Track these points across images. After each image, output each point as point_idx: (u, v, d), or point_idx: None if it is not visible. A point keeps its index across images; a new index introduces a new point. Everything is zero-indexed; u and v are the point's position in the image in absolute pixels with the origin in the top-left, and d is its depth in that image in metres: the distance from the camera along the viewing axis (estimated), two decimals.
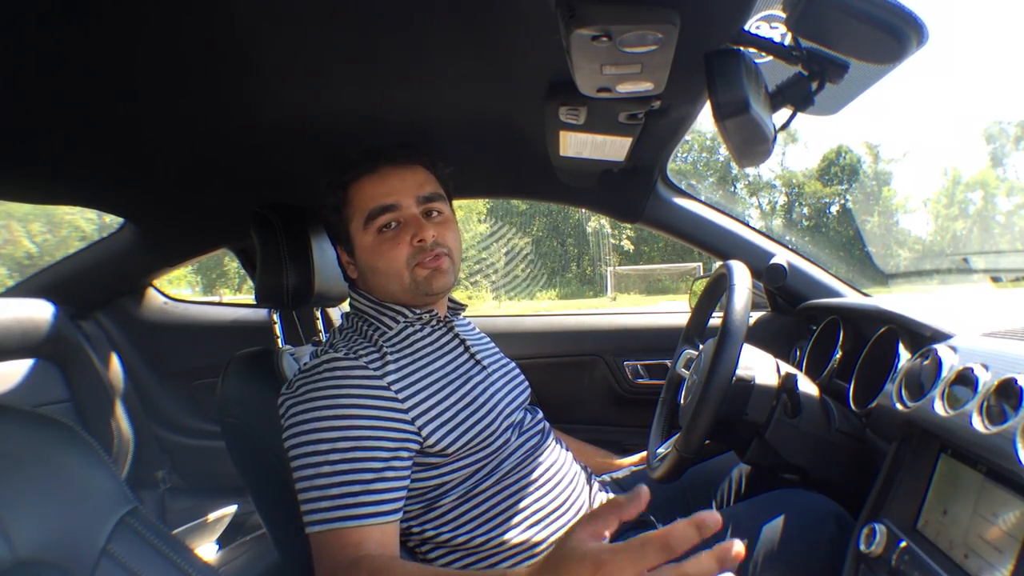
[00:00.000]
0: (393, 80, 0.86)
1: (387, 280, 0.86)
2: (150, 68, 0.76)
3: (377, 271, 0.86)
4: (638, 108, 0.86)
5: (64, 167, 1.09)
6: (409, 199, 0.86)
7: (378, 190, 0.86)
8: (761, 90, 0.70)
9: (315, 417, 0.74)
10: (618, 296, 18.44)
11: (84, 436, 0.55)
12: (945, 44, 52.58)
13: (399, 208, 0.85)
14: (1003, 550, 0.59)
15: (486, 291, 18.88)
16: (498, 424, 0.83)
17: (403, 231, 0.85)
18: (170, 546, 0.54)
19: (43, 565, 0.47)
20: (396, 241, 0.84)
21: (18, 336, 1.31)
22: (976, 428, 0.65)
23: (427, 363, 0.83)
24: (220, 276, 16.97)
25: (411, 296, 0.86)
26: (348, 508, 0.70)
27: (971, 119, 42.65)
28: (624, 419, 1.58)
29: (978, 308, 1.15)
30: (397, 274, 0.85)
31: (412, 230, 0.84)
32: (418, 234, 0.84)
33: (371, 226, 0.85)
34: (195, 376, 1.68)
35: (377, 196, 0.85)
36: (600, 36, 0.60)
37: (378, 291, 0.88)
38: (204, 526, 1.51)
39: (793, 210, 25.78)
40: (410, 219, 0.86)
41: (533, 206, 20.45)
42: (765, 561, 0.81)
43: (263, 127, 1.00)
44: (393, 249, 0.84)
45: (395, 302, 0.87)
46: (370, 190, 0.86)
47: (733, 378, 0.87)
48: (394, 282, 0.85)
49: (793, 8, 0.60)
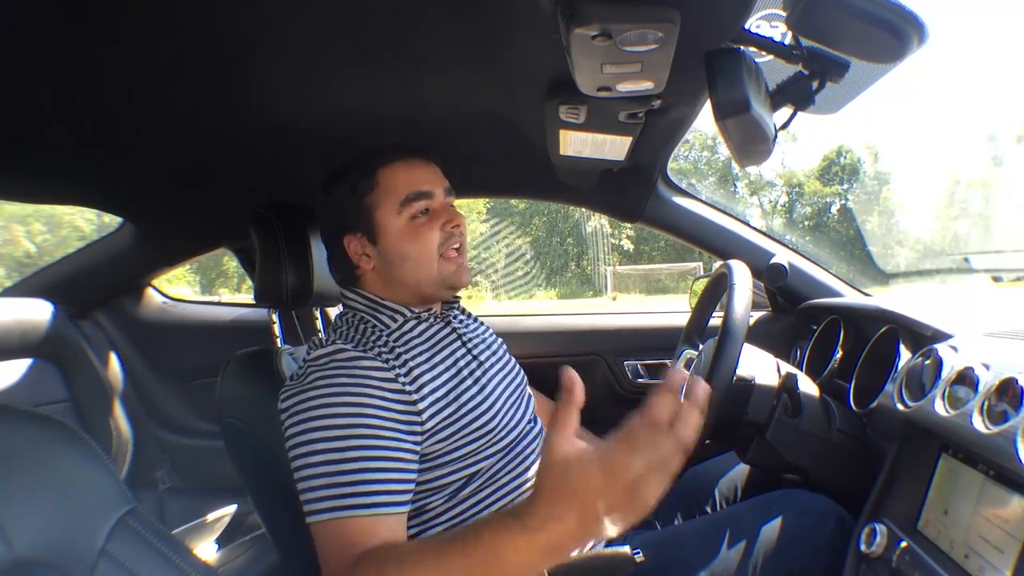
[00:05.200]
0: (393, 79, 0.86)
1: (416, 266, 0.85)
2: (149, 68, 0.76)
3: (407, 257, 0.85)
4: (638, 107, 0.86)
5: (63, 167, 1.09)
6: (440, 189, 0.87)
7: (413, 176, 0.86)
8: (762, 89, 0.70)
9: (326, 404, 0.73)
10: (618, 296, 18.42)
11: (83, 436, 0.55)
12: (945, 44, 52.64)
13: (432, 196, 0.86)
14: (1003, 550, 0.59)
15: (486, 290, 18.87)
16: (495, 422, 0.83)
17: (434, 219, 0.86)
18: (169, 546, 0.54)
19: (42, 565, 0.47)
20: (429, 227, 0.85)
21: (17, 336, 1.31)
22: (977, 428, 0.65)
23: (427, 359, 0.82)
24: (219, 275, 16.97)
25: (434, 288, 0.86)
26: (361, 496, 0.68)
27: (971, 119, 42.69)
28: (624, 419, 1.58)
29: (979, 308, 1.15)
30: (428, 260, 0.85)
31: (444, 217, 0.86)
32: (452, 220, 0.85)
33: (405, 211, 0.85)
34: (194, 376, 1.68)
35: (412, 182, 0.85)
36: (600, 35, 0.59)
37: (399, 281, 0.86)
38: (203, 526, 1.51)
39: (794, 210, 25.79)
40: (441, 207, 0.87)
41: (532, 205, 20.45)
42: (765, 561, 0.81)
43: (263, 126, 1.00)
44: (427, 233, 0.85)
45: (403, 297, 0.87)
46: (404, 175, 0.86)
47: (733, 378, 0.87)
48: (423, 270, 0.85)
49: (793, 7, 0.60)
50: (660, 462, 0.49)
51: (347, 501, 0.68)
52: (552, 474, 0.51)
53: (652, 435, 0.49)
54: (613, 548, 0.76)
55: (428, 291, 0.87)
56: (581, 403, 0.52)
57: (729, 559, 0.82)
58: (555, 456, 0.51)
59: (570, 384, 0.51)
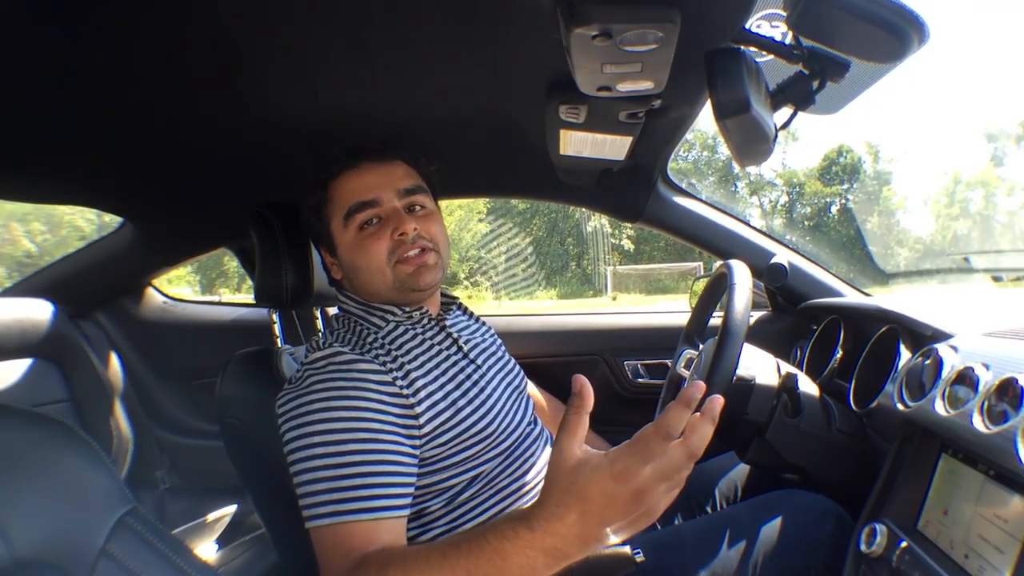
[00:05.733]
0: (392, 79, 0.86)
1: (371, 278, 0.84)
2: (148, 68, 0.76)
3: (359, 269, 0.85)
4: (639, 107, 0.86)
5: (63, 167, 1.09)
6: (390, 194, 0.85)
7: (357, 186, 0.85)
8: (762, 89, 0.70)
9: (324, 407, 0.72)
10: (618, 295, 18.42)
11: (83, 436, 0.55)
12: (945, 43, 52.62)
13: (379, 204, 0.84)
14: (1003, 550, 0.59)
15: (486, 291, 18.86)
16: (493, 426, 0.82)
17: (383, 226, 0.84)
18: (169, 546, 0.54)
19: (42, 565, 0.47)
20: (376, 236, 0.83)
21: (17, 336, 1.31)
22: (977, 428, 0.65)
23: (422, 364, 0.81)
24: (219, 275, 16.97)
25: (397, 294, 0.85)
26: (360, 500, 0.68)
27: (972, 118, 42.68)
28: (624, 419, 1.57)
29: (979, 308, 1.15)
30: (379, 271, 0.83)
31: (392, 224, 0.83)
32: (399, 227, 0.82)
33: (351, 223, 0.84)
34: (194, 376, 1.68)
35: (356, 192, 0.84)
36: (600, 35, 0.59)
37: (363, 290, 0.87)
38: (203, 526, 1.51)
39: (794, 209, 25.78)
40: (391, 214, 0.84)
41: (532, 205, 20.43)
42: (765, 561, 0.81)
43: (263, 126, 1.00)
44: (373, 244, 0.83)
45: (383, 301, 0.86)
46: (349, 186, 0.85)
47: (733, 378, 0.87)
48: (377, 279, 0.84)
49: (794, 7, 0.59)
50: (670, 471, 0.50)
51: (347, 506, 0.68)
52: (561, 478, 0.52)
53: (663, 444, 0.50)
54: (613, 548, 0.76)
55: (390, 296, 0.86)
56: (590, 408, 0.53)
57: (729, 559, 0.82)
58: (565, 460, 0.52)
59: (580, 389, 0.52)
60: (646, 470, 0.49)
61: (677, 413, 0.51)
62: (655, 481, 0.50)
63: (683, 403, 0.51)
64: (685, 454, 0.50)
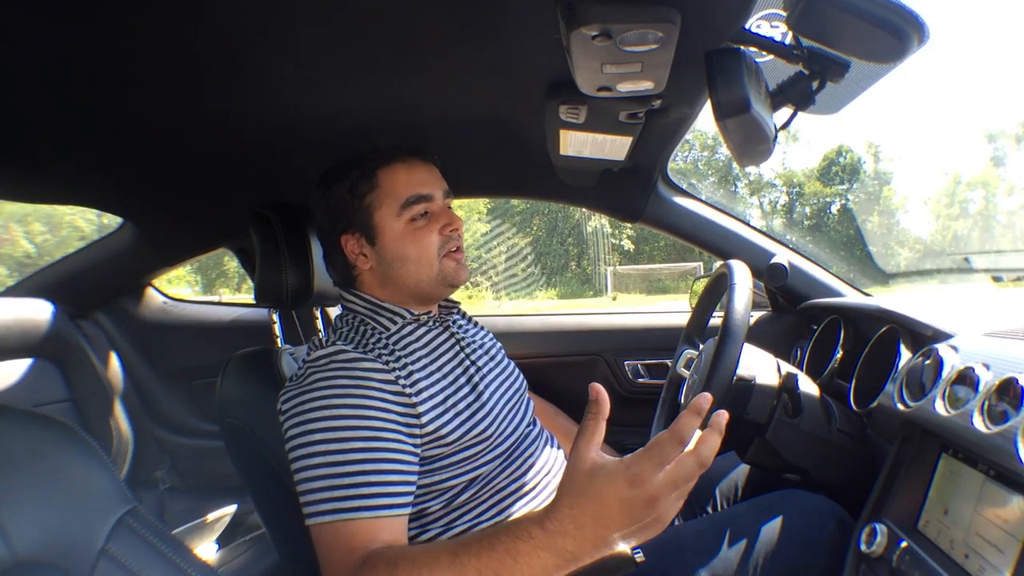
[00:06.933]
0: (392, 79, 0.86)
1: (416, 268, 0.85)
2: (149, 68, 0.76)
3: (407, 259, 0.85)
4: (638, 107, 0.86)
5: (63, 167, 1.09)
6: (439, 192, 0.88)
7: (414, 179, 0.86)
8: (762, 89, 0.70)
9: (326, 404, 0.72)
10: (618, 296, 18.42)
11: (83, 436, 0.55)
12: (946, 43, 52.59)
13: (433, 199, 0.86)
14: (1003, 550, 0.59)
15: (486, 291, 18.86)
16: (492, 428, 0.82)
17: (433, 221, 0.86)
18: (169, 546, 0.54)
19: (42, 565, 0.47)
20: (429, 229, 0.85)
21: (17, 336, 1.31)
22: (977, 428, 0.65)
23: (425, 364, 0.82)
24: (219, 275, 16.97)
25: (434, 287, 0.87)
26: (362, 498, 0.68)
27: (972, 118, 42.66)
28: (624, 419, 1.57)
29: (979, 308, 1.15)
30: (428, 263, 0.85)
31: (443, 220, 0.86)
32: (450, 223, 0.86)
33: (405, 213, 0.85)
34: (194, 376, 1.68)
35: (414, 184, 0.86)
36: (600, 35, 0.59)
37: (400, 282, 0.86)
38: (203, 526, 1.51)
39: (794, 209, 25.78)
40: (440, 210, 0.87)
41: (532, 205, 20.45)
42: (765, 561, 0.81)
43: (262, 126, 1.00)
44: (427, 236, 0.85)
45: (401, 299, 0.87)
46: (405, 177, 0.86)
47: (733, 378, 0.87)
48: (424, 271, 0.85)
49: (794, 7, 0.59)
50: (681, 479, 0.51)
51: (348, 503, 0.68)
52: (577, 481, 0.53)
53: (678, 450, 0.51)
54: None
55: (428, 290, 0.87)
56: (607, 414, 0.54)
57: (729, 559, 0.82)
58: (581, 463, 0.53)
59: (597, 396, 0.54)
60: (659, 476, 0.51)
61: (689, 420, 0.52)
62: (667, 488, 0.51)
63: (694, 411, 0.52)
64: (696, 463, 0.51)
